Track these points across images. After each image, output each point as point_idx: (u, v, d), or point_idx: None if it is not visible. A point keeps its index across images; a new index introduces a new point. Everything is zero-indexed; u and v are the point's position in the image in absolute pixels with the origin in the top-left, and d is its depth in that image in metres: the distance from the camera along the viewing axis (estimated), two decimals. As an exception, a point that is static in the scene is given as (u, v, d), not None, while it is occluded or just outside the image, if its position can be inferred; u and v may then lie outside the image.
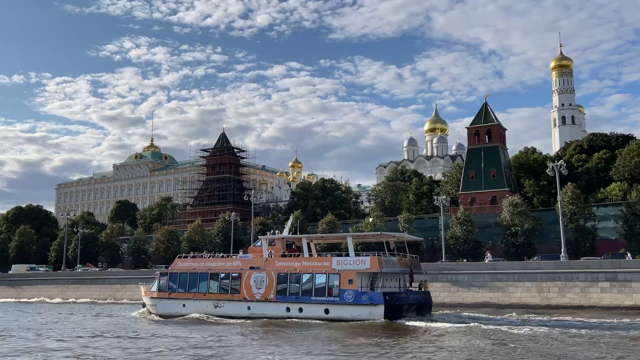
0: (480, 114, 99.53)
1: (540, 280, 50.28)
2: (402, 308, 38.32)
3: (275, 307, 40.43)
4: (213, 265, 45.17)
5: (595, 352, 24.91)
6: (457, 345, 27.65)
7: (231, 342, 30.28)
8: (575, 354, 24.55)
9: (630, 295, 46.16)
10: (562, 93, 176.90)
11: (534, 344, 27.55)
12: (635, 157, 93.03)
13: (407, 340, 30.15)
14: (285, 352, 26.32)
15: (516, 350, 25.52)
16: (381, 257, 39.41)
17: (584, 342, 27.91)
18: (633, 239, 66.79)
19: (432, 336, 30.97)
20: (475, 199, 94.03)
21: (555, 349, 26.08)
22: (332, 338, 31.24)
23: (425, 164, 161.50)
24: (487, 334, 30.76)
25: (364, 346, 27.93)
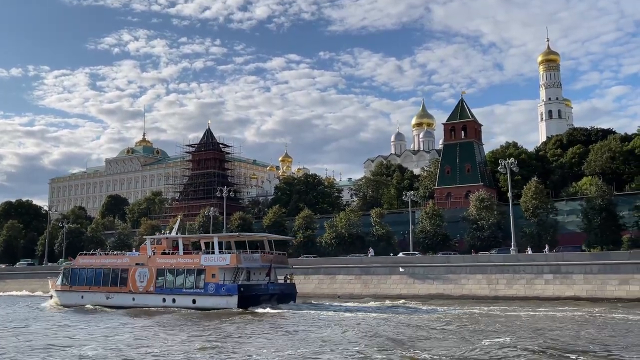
0: (457, 111, 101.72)
1: (490, 272, 52.63)
2: (259, 298, 43.67)
3: (154, 298, 46.22)
4: (107, 261, 51.30)
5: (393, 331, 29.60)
6: (277, 324, 33.86)
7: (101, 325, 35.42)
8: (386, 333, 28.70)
9: (571, 286, 48.51)
10: (549, 87, 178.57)
11: (358, 325, 32.31)
12: (606, 152, 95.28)
13: (245, 322, 35.40)
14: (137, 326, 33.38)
15: (310, 334, 29.02)
16: (240, 255, 45.24)
17: (402, 324, 32.77)
18: (592, 232, 69.05)
19: (269, 319, 36.72)
20: (451, 193, 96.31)
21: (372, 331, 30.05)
22: (191, 321, 36.98)
23: (412, 158, 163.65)
24: (321, 319, 36.05)
25: (210, 326, 33.73)
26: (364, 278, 58.69)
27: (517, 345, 23.44)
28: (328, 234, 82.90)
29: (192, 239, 55.15)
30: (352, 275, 59.50)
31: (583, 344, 24.58)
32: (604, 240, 68.40)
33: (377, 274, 58.33)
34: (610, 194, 70.58)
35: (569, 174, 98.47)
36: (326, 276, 61.04)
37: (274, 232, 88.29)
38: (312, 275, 61.99)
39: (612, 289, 46.77)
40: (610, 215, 69.14)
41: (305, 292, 60.08)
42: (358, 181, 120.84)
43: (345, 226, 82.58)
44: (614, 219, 69.49)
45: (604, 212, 68.73)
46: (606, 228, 68.36)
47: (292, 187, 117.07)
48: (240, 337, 28.56)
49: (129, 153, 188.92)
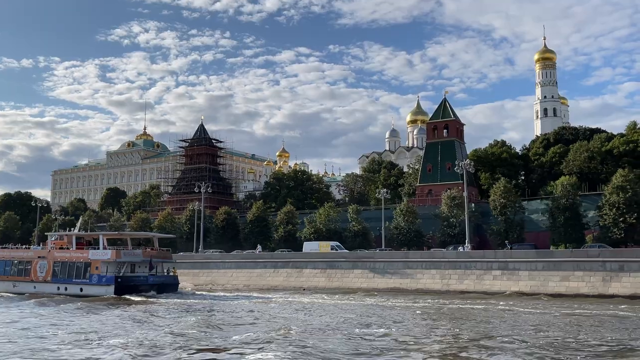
0: (439, 110, 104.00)
1: (444, 268, 55.21)
2: (138, 287, 51.01)
3: (51, 287, 53.90)
4: (15, 254, 59.43)
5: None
6: (141, 309, 40.54)
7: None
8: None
9: (517, 282, 51.01)
10: (545, 85, 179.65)
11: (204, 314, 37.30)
12: (584, 152, 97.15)
13: (115, 307, 42.84)
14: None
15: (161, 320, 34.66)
16: (120, 250, 53.27)
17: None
18: (556, 230, 71.30)
19: (139, 305, 43.94)
20: (431, 190, 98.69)
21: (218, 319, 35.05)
22: (75, 305, 44.32)
23: (405, 155, 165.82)
24: (177, 306, 42.38)
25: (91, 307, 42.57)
26: (328, 272, 61.44)
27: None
28: (307, 229, 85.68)
29: (86, 237, 61.17)
30: (318, 270, 62.27)
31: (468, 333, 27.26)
32: (567, 239, 70.64)
33: (340, 269, 61.09)
34: (575, 194, 72.68)
35: (548, 173, 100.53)
36: (294, 270, 63.86)
37: (256, 227, 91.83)
38: (280, 269, 64.85)
39: (554, 285, 49.19)
40: (574, 214, 71.32)
41: (274, 284, 63.26)
42: (346, 177, 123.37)
43: (324, 222, 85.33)
44: (578, 218, 71.67)
45: (567, 212, 70.94)
46: (570, 227, 70.55)
47: (281, 183, 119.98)
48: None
49: (129, 146, 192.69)
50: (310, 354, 22.06)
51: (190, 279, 69.81)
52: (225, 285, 65.23)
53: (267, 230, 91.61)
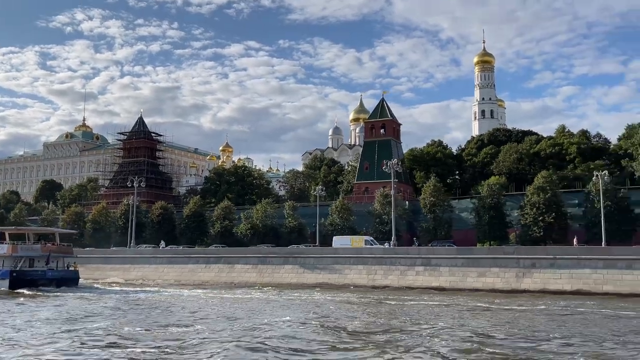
0: (377, 110, 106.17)
1: (370, 264, 56.92)
2: (36, 282, 51.80)
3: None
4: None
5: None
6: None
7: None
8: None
9: (438, 278, 53.22)
10: (483, 88, 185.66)
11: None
12: (513, 154, 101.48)
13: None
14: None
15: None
16: (17, 245, 54.08)
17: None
18: (481, 228, 74.46)
19: (30, 298, 45.00)
20: (368, 188, 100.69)
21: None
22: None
23: (348, 153, 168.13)
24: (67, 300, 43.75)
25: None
26: (259, 267, 62.17)
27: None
28: (244, 225, 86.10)
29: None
30: (250, 265, 62.89)
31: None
32: (492, 236, 73.99)
33: (272, 264, 61.93)
34: (500, 193, 76.04)
35: (480, 173, 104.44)
36: (226, 265, 64.26)
37: (192, 223, 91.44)
38: (212, 265, 65.13)
39: (472, 281, 51.62)
40: (498, 213, 74.67)
41: (206, 279, 63.49)
42: (287, 173, 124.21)
43: (261, 217, 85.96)
44: (502, 217, 75.08)
45: (492, 211, 74.19)
46: (494, 225, 73.86)
47: (221, 178, 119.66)
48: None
49: (67, 138, 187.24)
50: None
51: (122, 274, 69.22)
52: (156, 281, 64.93)
53: (203, 226, 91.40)
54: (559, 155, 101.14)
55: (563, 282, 47.90)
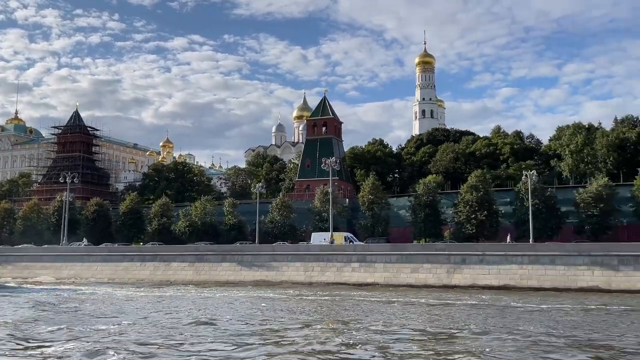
0: (319, 108, 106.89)
1: (308, 261, 57.37)
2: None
3: None
4: None
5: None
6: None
7: None
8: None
9: (372, 274, 54.18)
10: (424, 88, 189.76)
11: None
12: (450, 153, 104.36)
13: None
14: None
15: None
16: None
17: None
18: (417, 226, 76.27)
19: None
20: (309, 186, 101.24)
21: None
22: None
23: (291, 150, 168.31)
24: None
25: None
26: (196, 265, 61.57)
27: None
28: (182, 222, 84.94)
29: None
30: (186, 263, 62.18)
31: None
32: (427, 233, 75.80)
33: (209, 262, 61.45)
34: (435, 192, 78.10)
35: (418, 171, 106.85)
36: (162, 263, 63.27)
37: (129, 220, 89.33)
38: (148, 262, 64.02)
39: (405, 277, 52.83)
40: (434, 211, 76.67)
41: (141, 277, 62.36)
42: (228, 170, 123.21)
43: (200, 215, 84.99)
44: (437, 215, 77.14)
45: (428, 208, 76.11)
46: (430, 222, 75.80)
47: (160, 174, 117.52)
48: None
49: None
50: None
51: (53, 273, 67.00)
52: (89, 279, 63.29)
53: (140, 223, 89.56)
54: (493, 155, 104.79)
55: (491, 278, 49.72)
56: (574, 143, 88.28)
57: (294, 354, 19.97)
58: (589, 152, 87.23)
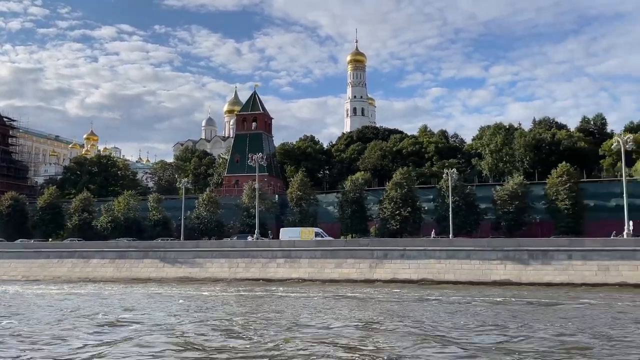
0: (249, 103, 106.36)
1: (232, 257, 56.94)
2: None
3: None
4: None
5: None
6: None
7: None
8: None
9: (297, 269, 54.45)
10: (355, 86, 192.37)
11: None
12: (378, 151, 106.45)
13: None
14: None
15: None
16: None
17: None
18: (344, 221, 77.40)
19: None
20: (238, 181, 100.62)
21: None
22: None
23: (221, 145, 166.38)
24: None
25: None
26: (117, 262, 59.76)
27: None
28: (104, 218, 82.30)
29: None
30: (107, 260, 60.25)
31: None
32: (353, 229, 77.03)
33: (130, 258, 59.84)
34: (362, 188, 79.48)
35: (347, 168, 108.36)
36: (81, 260, 61.02)
37: (47, 215, 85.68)
38: (65, 259, 61.62)
39: (329, 272, 53.46)
40: (360, 207, 78.04)
41: (58, 275, 59.95)
42: (155, 165, 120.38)
43: (123, 210, 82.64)
44: (363, 211, 78.58)
45: (355, 205, 77.37)
46: (356, 218, 77.11)
47: (83, 168, 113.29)
48: None
49: None
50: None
51: (-39, 271, 63.23)
52: (2, 277, 60.23)
53: (60, 218, 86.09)
54: (419, 153, 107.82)
55: (411, 272, 51.13)
56: (494, 143, 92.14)
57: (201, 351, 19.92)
58: (507, 152, 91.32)
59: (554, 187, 71.57)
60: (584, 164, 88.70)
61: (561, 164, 74.05)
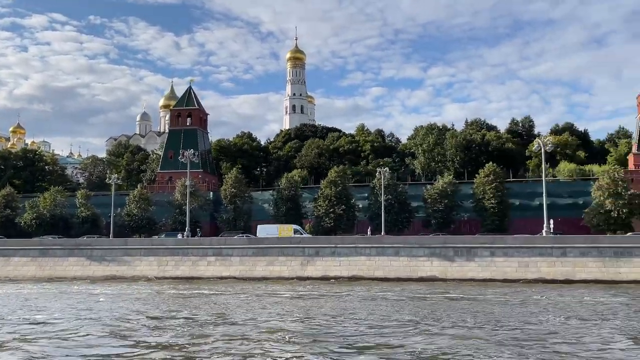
0: (184, 98, 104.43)
1: (162, 255, 55.91)
2: None
3: None
4: None
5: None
6: None
7: None
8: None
9: (229, 267, 54.06)
10: (295, 83, 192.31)
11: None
12: (315, 149, 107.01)
13: None
14: None
15: None
16: None
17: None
18: (279, 219, 77.36)
19: None
20: (172, 178, 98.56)
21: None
22: None
23: (156, 140, 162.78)
24: None
25: None
26: (40, 260, 57.43)
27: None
28: (28, 214, 78.94)
29: None
30: (29, 258, 57.78)
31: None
32: (289, 227, 77.11)
33: (55, 256, 57.68)
34: (297, 186, 79.73)
35: (284, 165, 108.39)
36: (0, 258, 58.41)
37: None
38: (-17, 258, 58.71)
39: (261, 270, 53.34)
40: (295, 205, 78.27)
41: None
42: (85, 160, 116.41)
43: (49, 207, 79.51)
44: (298, 209, 78.86)
45: (290, 202, 77.52)
46: (291, 216, 77.23)
47: (7, 162, 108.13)
48: None
49: None
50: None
51: None
52: None
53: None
54: (355, 151, 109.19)
55: (342, 269, 51.72)
56: (427, 143, 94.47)
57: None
58: (439, 152, 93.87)
59: (481, 186, 74.10)
60: (512, 164, 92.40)
61: (488, 164, 76.71)
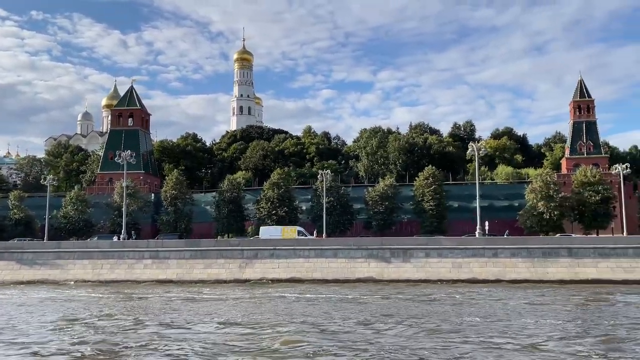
0: (125, 98, 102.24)
1: (96, 258, 54.51)
2: None
3: None
4: None
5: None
6: None
7: None
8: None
9: (165, 270, 53.15)
10: (242, 84, 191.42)
11: None
12: (260, 151, 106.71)
13: None
14: None
15: None
16: None
17: None
18: (220, 221, 76.84)
19: None
20: (112, 179, 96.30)
21: None
22: None
23: (98, 140, 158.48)
24: None
25: None
26: (-36, 265, 55.15)
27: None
28: (-46, 216, 75.64)
29: None
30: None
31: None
32: (230, 229, 76.78)
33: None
34: (239, 188, 79.35)
35: (229, 167, 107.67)
36: None
37: None
38: None
39: (198, 272, 52.74)
40: (237, 207, 77.86)
41: None
42: (21, 160, 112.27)
43: (-18, 208, 76.44)
44: (240, 211, 78.47)
45: (232, 204, 77.05)
46: (233, 218, 76.85)
47: None
48: None
49: None
50: None
51: None
52: None
53: None
54: (300, 154, 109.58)
55: (280, 271, 51.73)
56: (370, 145, 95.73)
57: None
58: (382, 155, 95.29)
59: (420, 188, 75.66)
60: (452, 167, 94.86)
61: (428, 167, 78.44)
